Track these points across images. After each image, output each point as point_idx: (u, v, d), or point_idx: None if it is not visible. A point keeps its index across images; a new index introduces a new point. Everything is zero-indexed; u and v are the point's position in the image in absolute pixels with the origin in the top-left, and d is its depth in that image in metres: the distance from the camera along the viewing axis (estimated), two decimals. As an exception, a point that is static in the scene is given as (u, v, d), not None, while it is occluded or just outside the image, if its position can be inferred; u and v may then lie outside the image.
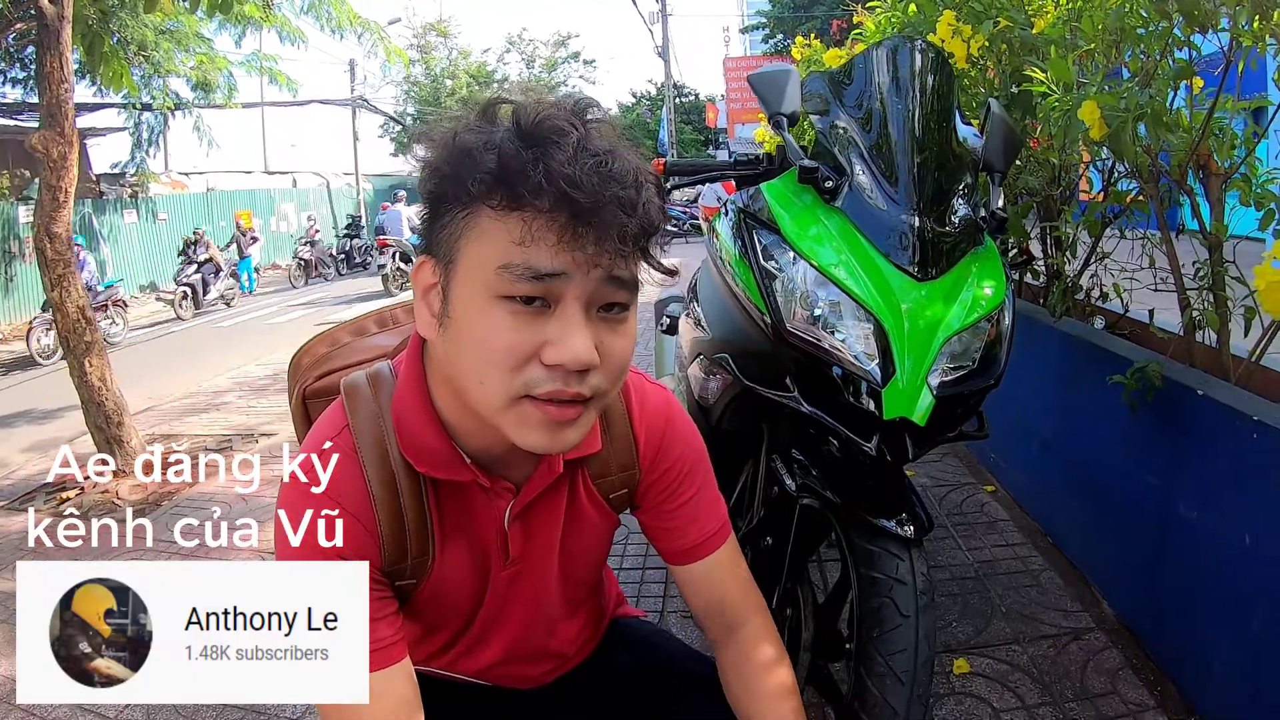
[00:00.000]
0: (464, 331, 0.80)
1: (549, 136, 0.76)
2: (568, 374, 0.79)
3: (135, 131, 15.26)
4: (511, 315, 0.78)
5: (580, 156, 0.75)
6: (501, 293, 0.77)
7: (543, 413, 0.80)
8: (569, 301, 0.78)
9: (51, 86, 4.15)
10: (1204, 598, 1.84)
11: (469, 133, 0.79)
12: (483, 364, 0.80)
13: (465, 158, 0.78)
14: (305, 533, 0.88)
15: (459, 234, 0.79)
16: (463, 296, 0.80)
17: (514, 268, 0.76)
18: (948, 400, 1.31)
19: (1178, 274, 2.05)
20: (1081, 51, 2.04)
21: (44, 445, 5.75)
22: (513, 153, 0.75)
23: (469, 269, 0.79)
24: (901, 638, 1.28)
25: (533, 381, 0.79)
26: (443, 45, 30.42)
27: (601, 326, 0.81)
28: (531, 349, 0.78)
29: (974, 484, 3.31)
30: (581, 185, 0.74)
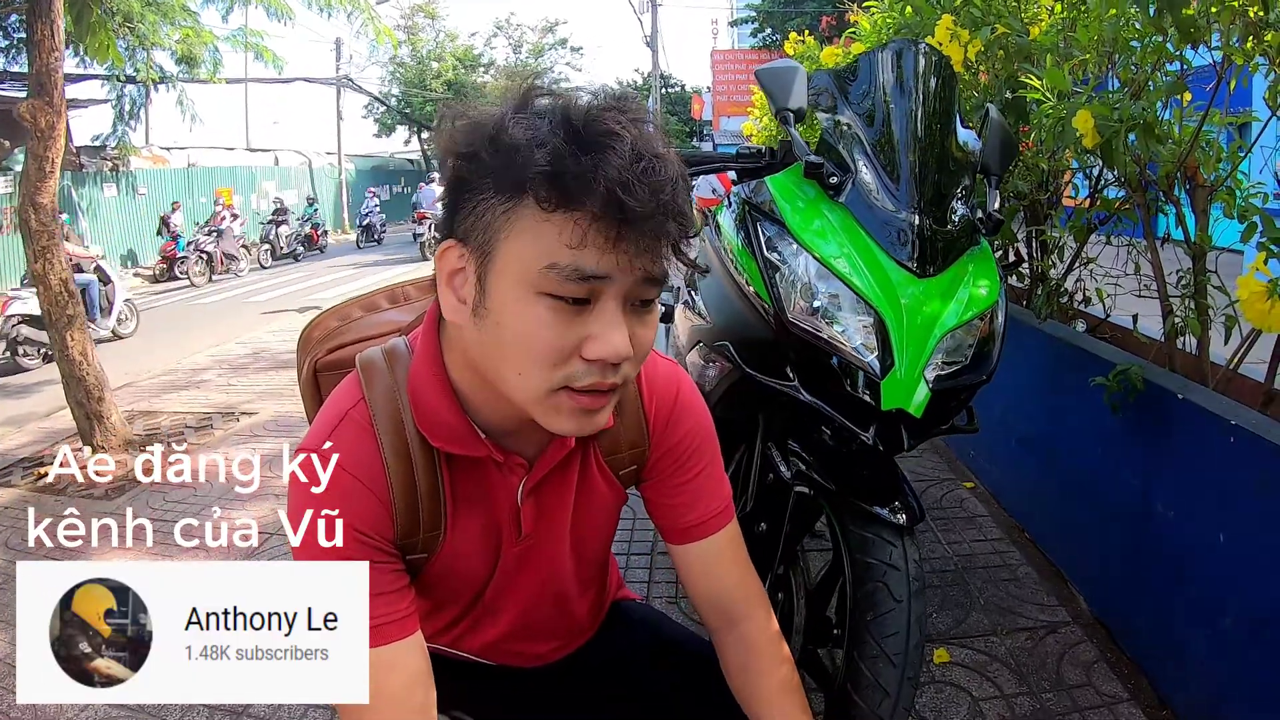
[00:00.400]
0: (503, 324, 0.81)
1: (603, 139, 0.76)
2: (605, 366, 0.81)
3: (117, 104, 15.05)
4: (554, 312, 0.79)
5: (634, 163, 0.76)
6: (546, 290, 0.78)
7: (577, 403, 0.83)
8: (608, 299, 0.80)
9: (42, 54, 4.10)
10: (1178, 594, 1.90)
11: (517, 126, 0.78)
12: (523, 357, 0.81)
13: (513, 152, 0.77)
14: (309, 523, 0.89)
15: (498, 226, 0.80)
16: (502, 289, 0.80)
17: (562, 268, 0.77)
18: (942, 394, 1.35)
19: (1161, 281, 2.10)
20: (1076, 60, 2.08)
21: (21, 420, 5.68)
22: (567, 153, 0.75)
23: (510, 263, 0.79)
24: (894, 621, 1.33)
25: (574, 375, 0.81)
26: (430, 27, 30.25)
27: (633, 319, 0.83)
28: (574, 345, 0.80)
29: (953, 480, 3.36)
30: (635, 192, 0.75)
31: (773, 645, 1.09)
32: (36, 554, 2.75)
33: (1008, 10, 2.35)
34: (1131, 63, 1.96)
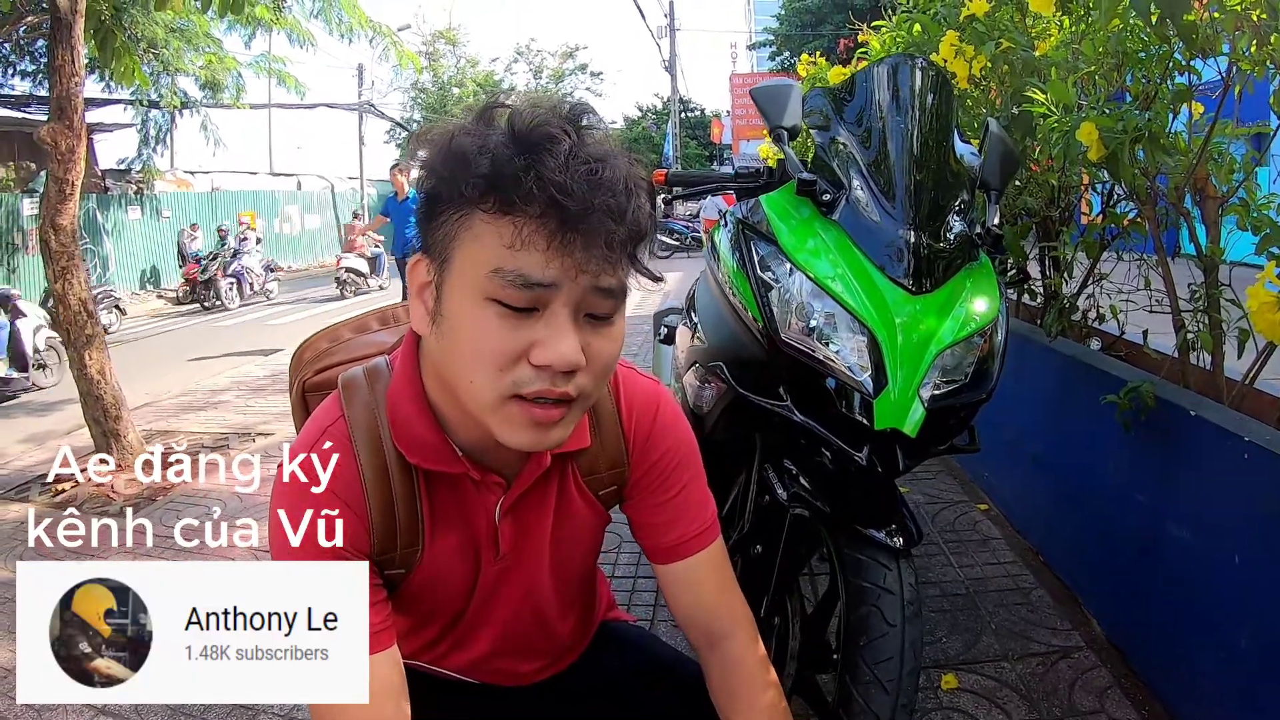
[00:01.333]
0: (456, 330, 0.82)
1: (541, 143, 0.77)
2: (555, 374, 0.81)
3: (142, 128, 15.32)
4: (501, 317, 0.79)
5: (571, 164, 0.77)
6: (493, 296, 0.79)
7: (528, 414, 0.82)
8: (557, 306, 0.80)
9: (62, 80, 4.18)
10: (1193, 618, 1.84)
11: (465, 136, 0.80)
12: (473, 362, 0.82)
13: (460, 160, 0.79)
14: (306, 531, 0.90)
15: (453, 235, 0.81)
16: (455, 296, 0.82)
17: (506, 274, 0.77)
18: (939, 413, 1.32)
19: (1173, 296, 2.06)
20: (1082, 74, 2.06)
21: (41, 437, 5.76)
22: (506, 158, 0.77)
23: (461, 269, 0.81)
24: (887, 646, 1.29)
25: (521, 381, 0.81)
26: (451, 53, 30.58)
27: (589, 329, 0.83)
28: (520, 349, 0.80)
29: (967, 502, 3.31)
30: (571, 192, 0.76)
31: (757, 669, 1.07)
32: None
33: (1013, 26, 2.32)
34: (1140, 75, 1.93)
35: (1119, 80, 2.04)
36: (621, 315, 0.87)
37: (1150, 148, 1.79)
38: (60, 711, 2.32)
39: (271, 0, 6.70)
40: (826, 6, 24.69)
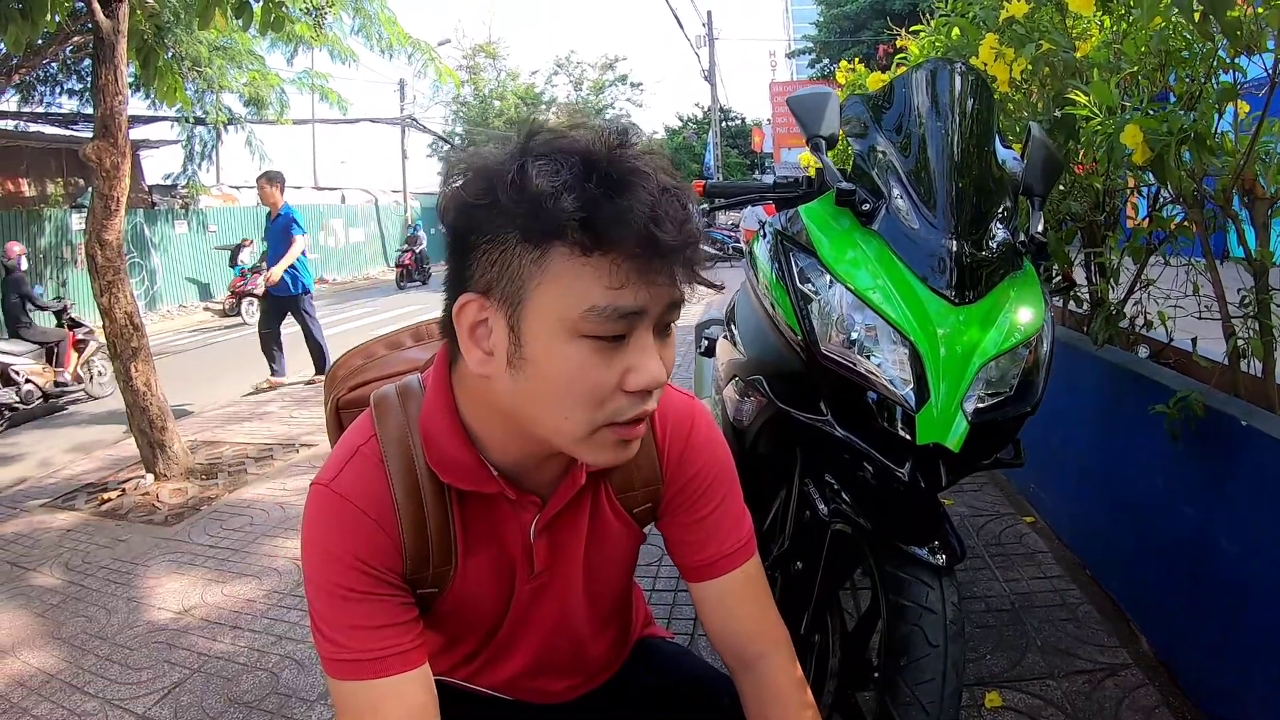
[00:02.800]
0: (544, 370, 0.80)
1: (630, 179, 0.76)
2: (645, 395, 0.82)
3: (188, 144, 15.62)
4: (596, 352, 0.79)
5: (662, 199, 0.76)
6: (586, 332, 0.78)
7: (620, 435, 0.83)
8: (643, 330, 0.80)
9: (106, 98, 4.28)
10: (1245, 636, 1.78)
11: (540, 173, 0.76)
12: (568, 401, 0.81)
13: (540, 199, 0.75)
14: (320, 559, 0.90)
15: (527, 274, 0.78)
16: (540, 337, 0.79)
17: (601, 310, 0.76)
18: (983, 427, 1.29)
19: (1222, 301, 2.01)
20: (1125, 74, 2.01)
21: (87, 446, 5.89)
22: (599, 197, 0.74)
23: (545, 309, 0.78)
24: (929, 667, 1.26)
25: (618, 410, 0.81)
26: (491, 67, 30.88)
27: (660, 344, 0.83)
28: (616, 380, 0.80)
29: (1013, 514, 3.25)
30: (665, 227, 0.75)
31: (792, 691, 1.05)
32: (98, 578, 2.84)
33: (1053, 27, 2.28)
34: (1184, 75, 1.89)
35: (1162, 80, 1.99)
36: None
37: (1196, 149, 1.74)
38: (101, 717, 2.35)
39: (311, 18, 6.78)
40: (865, 12, 24.61)
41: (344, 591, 0.89)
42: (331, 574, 0.89)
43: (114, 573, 3.43)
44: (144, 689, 2.50)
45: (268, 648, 2.70)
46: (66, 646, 2.81)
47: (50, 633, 2.92)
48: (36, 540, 3.92)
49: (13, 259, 8.44)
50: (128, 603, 3.12)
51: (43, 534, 4.00)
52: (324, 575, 0.89)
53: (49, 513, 4.33)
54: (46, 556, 3.68)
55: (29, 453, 5.91)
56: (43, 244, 13.61)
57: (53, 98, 13.16)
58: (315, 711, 2.30)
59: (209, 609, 3.02)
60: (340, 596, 0.89)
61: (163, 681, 2.53)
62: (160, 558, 3.57)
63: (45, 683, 2.59)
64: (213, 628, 2.87)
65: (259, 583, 3.23)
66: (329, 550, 0.90)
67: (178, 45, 9.40)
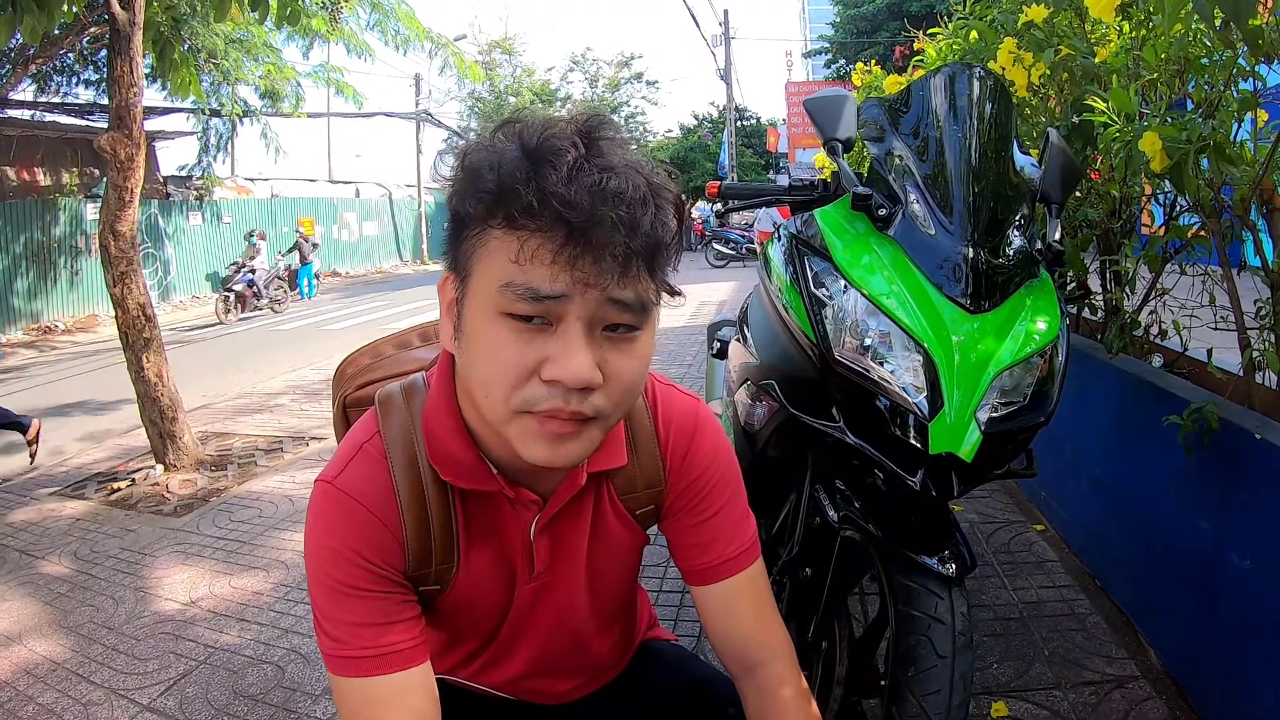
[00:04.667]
0: (472, 345, 0.82)
1: (546, 156, 0.76)
2: (567, 392, 0.79)
3: (203, 136, 15.68)
4: (513, 332, 0.79)
5: (576, 176, 0.75)
6: (504, 310, 0.78)
7: (542, 426, 0.81)
8: (570, 321, 0.78)
9: (121, 90, 4.29)
10: (1255, 650, 1.77)
11: (479, 152, 0.80)
12: (487, 377, 0.81)
13: (473, 177, 0.79)
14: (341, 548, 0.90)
15: (472, 251, 0.81)
16: (472, 311, 0.82)
17: (515, 287, 0.77)
18: (996, 436, 1.27)
19: (1238, 312, 1.99)
20: (1144, 81, 2.00)
21: (99, 435, 5.92)
22: (510, 172, 0.76)
23: (478, 285, 0.81)
24: (937, 678, 1.25)
25: (533, 398, 0.80)
26: (507, 63, 30.86)
27: (607, 346, 0.81)
28: (532, 365, 0.79)
29: (1023, 522, 3.23)
30: (575, 204, 0.74)
31: (795, 699, 1.04)
32: (105, 568, 2.85)
33: (1072, 32, 2.26)
34: (1204, 82, 1.87)
35: (1182, 87, 1.98)
36: (648, 332, 0.85)
37: (1215, 157, 1.72)
38: (106, 707, 2.36)
39: (327, 12, 6.79)
40: (882, 14, 24.53)
41: (346, 588, 0.89)
42: (334, 570, 0.89)
43: (122, 562, 3.44)
44: (150, 679, 2.50)
45: (274, 641, 2.71)
46: (73, 635, 2.83)
47: (57, 621, 2.94)
48: (45, 529, 3.94)
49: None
50: (135, 593, 3.13)
51: (52, 522, 4.03)
52: (327, 571, 0.90)
53: (58, 501, 4.36)
54: (55, 545, 3.71)
55: (40, 441, 5.91)
56: (57, 233, 13.69)
57: (69, 88, 13.21)
58: (320, 706, 2.31)
59: (216, 601, 3.03)
60: (343, 593, 0.89)
61: (168, 672, 2.54)
62: (168, 548, 3.58)
63: (51, 671, 2.60)
64: (219, 620, 2.88)
65: (266, 575, 3.24)
66: (332, 546, 0.90)
67: (194, 37, 9.44)
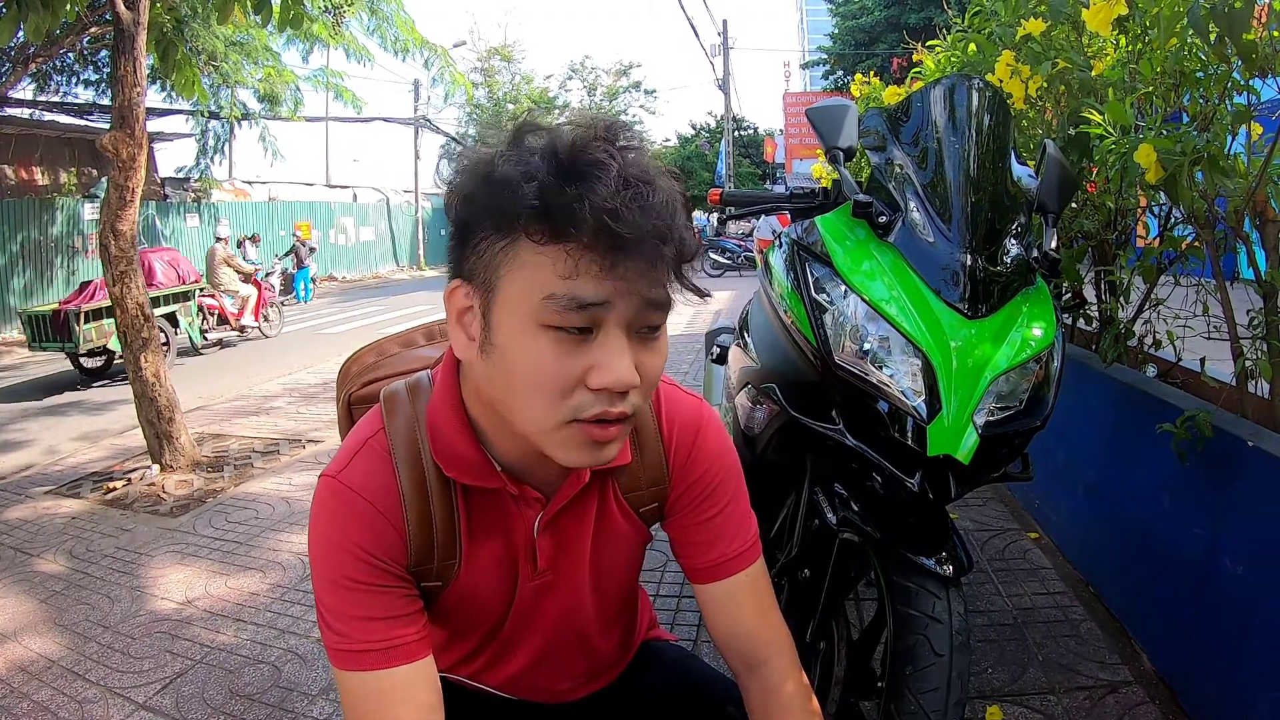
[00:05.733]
0: (509, 358, 0.81)
1: (589, 170, 0.76)
2: (612, 395, 0.81)
3: (201, 138, 15.69)
4: (557, 343, 0.79)
5: (621, 190, 0.76)
6: (547, 322, 0.78)
7: (587, 435, 0.82)
8: (611, 327, 0.80)
9: (124, 89, 4.31)
10: (1248, 657, 1.79)
11: (507, 164, 0.79)
12: (530, 391, 0.81)
13: (504, 189, 0.78)
14: (345, 544, 0.91)
15: (498, 263, 0.80)
16: (506, 324, 0.81)
17: (559, 299, 0.77)
18: (993, 440, 1.30)
19: (1231, 322, 2.01)
20: (1140, 94, 2.02)
21: (94, 435, 5.91)
22: (554, 187, 0.76)
23: (512, 298, 0.80)
24: (934, 676, 1.27)
25: (580, 406, 0.81)
26: (506, 69, 30.89)
27: (639, 346, 0.83)
28: (578, 375, 0.80)
29: (1018, 529, 3.25)
30: (623, 218, 0.75)
31: (796, 696, 1.05)
32: (101, 567, 2.85)
33: (1069, 45, 2.29)
34: (1199, 96, 1.89)
35: (1177, 101, 2.00)
36: (665, 328, 0.87)
37: (1209, 170, 1.75)
38: (101, 705, 2.37)
39: (330, 17, 6.82)
40: (880, 26, 24.66)
41: (349, 582, 0.90)
42: (338, 565, 0.90)
43: (118, 562, 3.44)
44: (145, 678, 2.51)
45: (270, 641, 2.71)
46: (68, 633, 2.83)
47: (53, 619, 2.94)
48: (41, 527, 3.94)
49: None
50: (131, 592, 3.14)
51: (47, 521, 4.03)
52: (330, 566, 0.91)
53: (54, 500, 4.36)
54: (51, 544, 3.70)
55: (36, 439, 5.93)
56: (54, 233, 13.66)
57: (69, 87, 13.22)
58: (317, 706, 2.31)
59: (212, 601, 3.04)
60: (346, 587, 0.90)
61: (164, 671, 2.54)
62: (164, 548, 3.58)
63: (46, 669, 2.60)
64: (216, 620, 2.88)
65: (263, 576, 3.25)
66: (335, 541, 0.91)
67: (195, 39, 9.46)
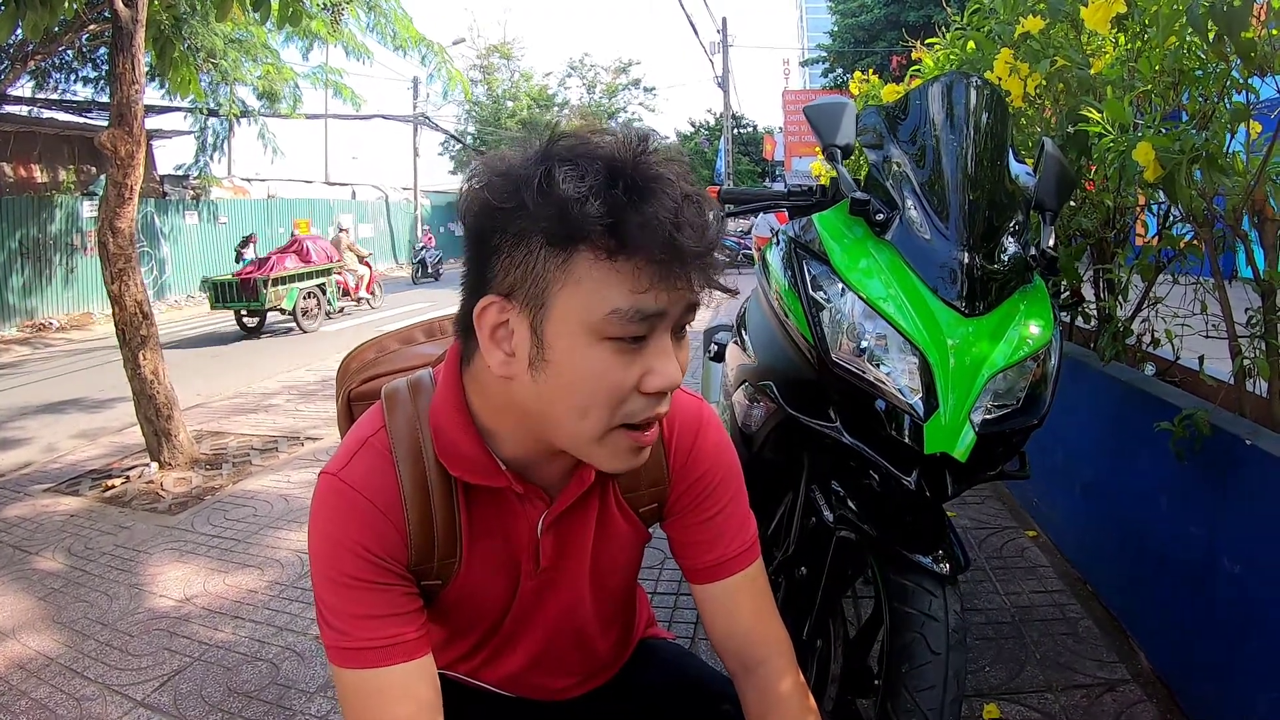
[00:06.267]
0: (566, 372, 0.81)
1: (653, 186, 0.77)
2: (660, 397, 0.84)
3: (200, 136, 15.67)
4: (617, 353, 0.80)
5: (685, 206, 0.77)
6: (608, 334, 0.79)
7: (634, 440, 0.85)
8: (661, 332, 0.82)
9: (123, 87, 4.30)
10: (1245, 656, 1.79)
11: (565, 178, 0.76)
12: (588, 401, 0.82)
13: (565, 204, 0.76)
14: (344, 541, 0.91)
15: (551, 277, 0.79)
16: (562, 337, 0.80)
17: (625, 312, 0.78)
18: (990, 438, 1.30)
19: (1230, 321, 2.01)
20: (1139, 92, 2.02)
21: (93, 433, 5.91)
22: (624, 203, 0.76)
23: (569, 313, 0.79)
24: (931, 674, 1.27)
25: (634, 411, 0.83)
26: (505, 67, 30.88)
27: (675, 346, 0.85)
28: (635, 381, 0.82)
29: (1015, 528, 3.25)
30: (687, 233, 0.77)
31: (794, 696, 1.05)
32: (100, 564, 2.84)
33: (1068, 43, 2.29)
34: (1198, 94, 1.89)
35: (1175, 99, 1.99)
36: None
37: (1207, 168, 1.75)
38: (100, 702, 2.37)
39: (329, 14, 6.81)
40: (879, 24, 24.67)
41: (349, 580, 0.90)
42: (337, 562, 0.90)
43: (116, 559, 3.44)
44: (143, 675, 2.51)
45: (268, 638, 2.71)
46: (67, 631, 2.83)
47: (51, 617, 2.94)
48: (40, 525, 3.94)
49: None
50: (129, 589, 3.13)
51: (46, 519, 4.02)
52: (330, 563, 0.90)
53: (53, 498, 4.35)
54: (49, 541, 3.70)
55: (35, 437, 5.93)
56: (53, 230, 13.65)
57: (68, 85, 13.21)
58: (314, 703, 2.31)
59: (210, 598, 3.04)
60: (345, 585, 0.90)
61: (162, 669, 2.54)
62: (163, 546, 3.58)
63: (45, 666, 2.60)
64: (214, 617, 2.88)
65: (261, 574, 3.25)
66: (335, 539, 0.90)
67: (194, 36, 9.45)
